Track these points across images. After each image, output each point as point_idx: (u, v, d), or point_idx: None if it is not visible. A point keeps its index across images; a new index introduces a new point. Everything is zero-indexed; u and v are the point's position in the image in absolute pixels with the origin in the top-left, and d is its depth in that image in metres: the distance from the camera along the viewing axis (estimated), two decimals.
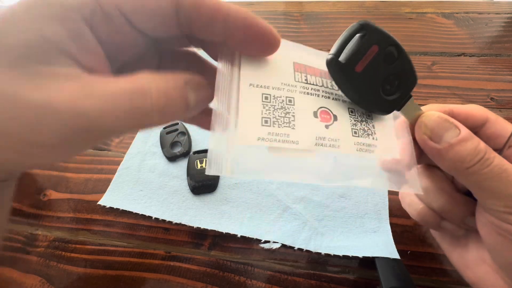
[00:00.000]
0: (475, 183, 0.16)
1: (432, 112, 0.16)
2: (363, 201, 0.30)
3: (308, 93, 0.14)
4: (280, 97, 0.14)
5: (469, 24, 0.46)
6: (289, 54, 0.15)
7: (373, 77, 0.14)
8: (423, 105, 0.26)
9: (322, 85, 0.15)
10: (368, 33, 0.13)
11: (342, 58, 0.13)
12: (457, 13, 0.48)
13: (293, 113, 0.13)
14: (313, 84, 0.15)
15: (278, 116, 0.13)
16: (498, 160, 0.15)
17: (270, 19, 0.51)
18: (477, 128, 0.18)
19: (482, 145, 0.15)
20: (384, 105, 0.15)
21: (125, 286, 0.27)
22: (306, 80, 0.15)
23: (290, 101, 0.14)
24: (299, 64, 0.15)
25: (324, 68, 0.15)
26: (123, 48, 0.13)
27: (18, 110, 0.09)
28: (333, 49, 0.13)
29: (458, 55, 0.43)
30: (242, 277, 0.27)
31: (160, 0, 0.11)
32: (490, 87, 0.39)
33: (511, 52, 0.42)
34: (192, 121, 0.17)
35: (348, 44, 0.13)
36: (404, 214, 0.30)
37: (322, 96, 0.15)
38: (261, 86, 0.14)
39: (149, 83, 0.11)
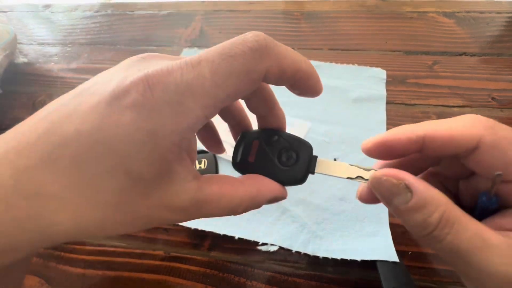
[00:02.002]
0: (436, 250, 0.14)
1: (385, 170, 0.14)
2: (363, 205, 0.30)
3: None
4: None
5: (470, 23, 0.46)
6: None
7: (267, 159, 0.17)
8: (423, 105, 0.26)
9: None
10: (247, 135, 0.18)
11: (237, 158, 0.17)
12: (458, 12, 0.48)
13: None
14: None
15: None
16: (451, 237, 0.12)
17: (270, 18, 0.51)
18: (464, 154, 0.14)
19: (436, 216, 0.13)
20: (295, 176, 0.17)
21: (124, 287, 0.27)
22: None
23: None
24: None
25: None
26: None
27: (157, 219, 0.13)
28: (232, 156, 0.18)
29: (459, 55, 0.42)
30: (242, 278, 0.27)
31: (250, 82, 0.13)
32: (491, 87, 0.38)
33: None
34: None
35: (239, 148, 0.18)
36: None
37: None
38: None
39: (249, 194, 0.15)
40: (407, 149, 0.15)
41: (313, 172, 0.18)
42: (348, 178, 0.17)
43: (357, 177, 0.17)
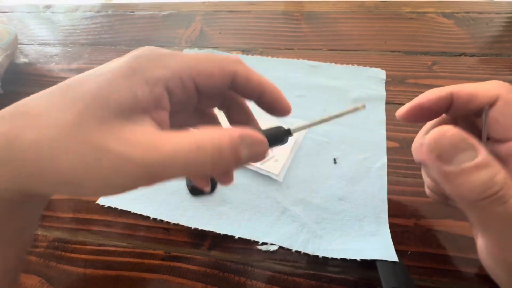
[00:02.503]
0: (479, 220, 0.13)
1: (448, 127, 0.14)
2: (363, 204, 0.30)
3: None
4: None
5: (469, 24, 0.46)
6: None
7: None
8: None
9: None
10: None
11: None
12: (457, 13, 0.48)
13: None
14: None
15: None
16: None
17: (270, 19, 0.51)
18: (485, 108, 0.15)
19: (501, 176, 0.13)
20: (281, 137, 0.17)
21: (124, 287, 0.27)
22: None
23: None
24: None
25: None
26: (183, 104, 0.16)
27: (103, 159, 0.12)
28: None
29: (459, 55, 0.42)
30: (242, 278, 0.27)
31: (223, 76, 0.15)
32: None
33: (511, 52, 0.42)
34: None
35: None
36: (404, 214, 0.30)
37: None
38: None
39: (204, 140, 0.13)
40: (439, 108, 0.17)
41: (291, 134, 0.18)
42: (321, 121, 0.18)
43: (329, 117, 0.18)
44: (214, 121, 0.21)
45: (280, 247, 0.28)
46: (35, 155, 0.12)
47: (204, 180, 0.20)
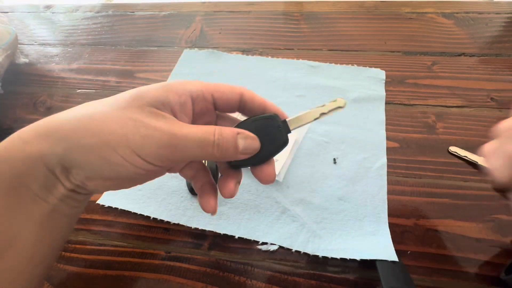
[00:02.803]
0: None
1: None
2: (362, 204, 0.30)
3: None
4: None
5: (469, 24, 0.46)
6: None
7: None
8: (422, 105, 0.25)
9: None
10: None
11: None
12: (457, 13, 0.48)
13: None
14: None
15: None
16: None
17: (269, 19, 0.51)
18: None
19: None
20: (280, 141, 0.20)
21: (125, 286, 0.27)
22: None
23: None
24: None
25: None
26: (201, 116, 0.20)
27: (141, 128, 0.16)
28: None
29: (458, 55, 0.43)
30: (242, 277, 0.27)
31: (233, 94, 0.20)
32: (490, 87, 0.38)
33: (511, 52, 0.42)
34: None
35: None
36: (403, 214, 0.30)
37: None
38: None
39: (214, 128, 0.18)
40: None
41: (290, 131, 0.20)
42: (315, 119, 0.21)
43: (321, 114, 0.21)
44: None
45: (280, 247, 0.28)
46: (90, 119, 0.16)
47: (211, 194, 0.22)
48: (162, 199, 0.32)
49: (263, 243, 0.29)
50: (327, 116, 0.20)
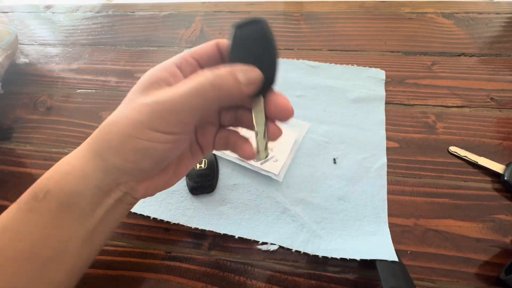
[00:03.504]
0: None
1: None
2: (362, 204, 0.30)
3: None
4: None
5: (469, 24, 0.46)
6: None
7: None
8: (422, 105, 0.25)
9: None
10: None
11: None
12: (457, 13, 0.48)
13: None
14: None
15: None
16: None
17: (270, 19, 0.51)
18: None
19: None
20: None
21: (125, 286, 0.27)
22: None
23: None
24: None
25: None
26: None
27: (145, 108, 0.17)
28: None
29: (458, 55, 0.43)
30: (242, 277, 0.27)
31: (209, 46, 0.20)
32: (490, 87, 0.39)
33: (511, 52, 0.42)
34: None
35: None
36: (403, 214, 0.30)
37: None
38: None
39: (207, 72, 0.17)
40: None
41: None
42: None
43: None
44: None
45: (280, 247, 0.28)
46: (109, 124, 0.18)
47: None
48: (162, 199, 0.32)
49: (263, 243, 0.29)
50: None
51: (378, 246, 0.27)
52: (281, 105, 0.19)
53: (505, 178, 0.30)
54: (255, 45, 0.18)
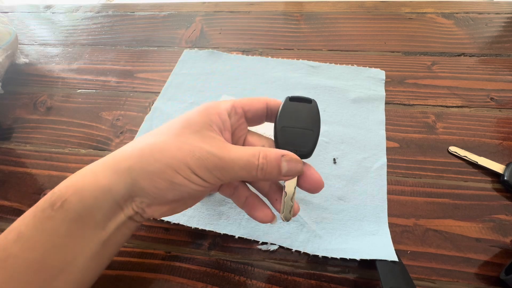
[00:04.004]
0: None
1: None
2: (362, 204, 0.30)
3: None
4: None
5: (469, 24, 0.46)
6: None
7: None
8: (422, 105, 0.25)
9: None
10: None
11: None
12: (457, 13, 0.48)
13: None
14: None
15: None
16: None
17: (269, 19, 0.51)
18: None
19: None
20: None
21: (125, 286, 0.27)
22: None
23: None
24: None
25: None
26: (236, 128, 0.22)
27: (195, 151, 0.18)
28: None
29: (458, 55, 0.43)
30: (242, 277, 0.27)
31: (260, 103, 0.22)
32: (490, 87, 0.39)
33: (511, 52, 0.42)
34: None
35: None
36: (403, 214, 0.30)
37: None
38: None
39: (259, 151, 0.19)
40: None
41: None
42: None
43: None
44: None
45: (280, 247, 0.28)
46: (152, 148, 0.18)
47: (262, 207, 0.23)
48: None
49: (263, 243, 0.29)
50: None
51: (378, 246, 0.27)
52: (314, 180, 0.20)
53: (505, 178, 0.30)
54: (302, 120, 0.21)
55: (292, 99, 0.21)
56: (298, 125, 0.20)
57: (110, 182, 0.18)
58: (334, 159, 0.34)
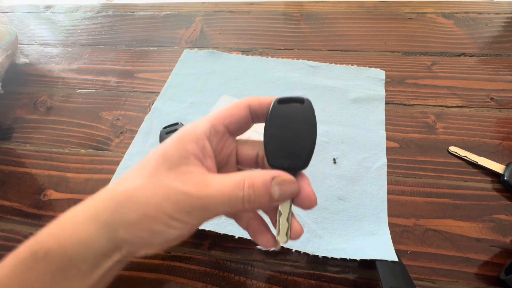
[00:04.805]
0: None
1: None
2: (362, 204, 0.30)
3: None
4: None
5: (469, 24, 0.46)
6: None
7: None
8: (422, 105, 0.25)
9: None
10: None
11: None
12: (457, 13, 0.48)
13: None
14: None
15: None
16: None
17: (269, 19, 0.51)
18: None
19: None
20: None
21: (125, 286, 0.27)
22: None
23: None
24: None
25: None
26: (221, 147, 0.20)
27: (171, 194, 0.17)
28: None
29: (458, 55, 0.43)
30: (242, 277, 0.27)
31: (240, 109, 0.19)
32: (490, 87, 0.39)
33: (511, 52, 0.42)
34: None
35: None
36: (403, 214, 0.30)
37: None
38: None
39: (243, 180, 0.17)
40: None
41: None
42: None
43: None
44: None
45: (280, 247, 0.28)
46: (126, 197, 0.17)
47: (265, 235, 0.21)
48: None
49: None
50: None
51: (378, 246, 0.27)
52: (307, 197, 0.18)
53: (505, 178, 0.30)
54: (295, 125, 0.18)
55: (281, 101, 0.18)
56: (290, 132, 0.18)
57: (92, 235, 0.17)
58: (334, 159, 0.34)
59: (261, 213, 0.21)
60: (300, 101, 0.18)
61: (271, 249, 0.20)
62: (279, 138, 0.18)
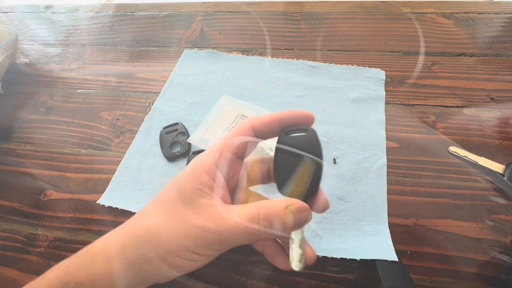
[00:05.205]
0: None
1: None
2: (362, 204, 0.30)
3: None
4: None
5: (469, 24, 0.46)
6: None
7: None
8: (422, 105, 0.25)
9: None
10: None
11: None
12: (457, 13, 0.48)
13: None
14: None
15: None
16: None
17: (269, 19, 0.51)
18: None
19: None
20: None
21: None
22: None
23: None
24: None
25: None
26: (232, 174, 0.21)
27: (191, 231, 0.18)
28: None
29: (458, 55, 0.43)
30: (242, 277, 0.27)
31: (246, 131, 0.20)
32: (490, 87, 0.39)
33: (511, 52, 0.42)
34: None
35: None
36: (403, 214, 0.30)
37: None
38: None
39: (258, 212, 0.17)
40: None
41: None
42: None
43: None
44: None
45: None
46: (150, 235, 0.18)
47: (278, 256, 0.22)
48: None
49: None
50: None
51: (378, 246, 0.27)
52: (323, 204, 0.20)
53: (505, 178, 0.30)
54: (301, 159, 0.19)
55: (287, 132, 0.20)
56: (298, 160, 0.19)
57: (121, 273, 0.18)
58: (334, 159, 0.34)
59: None
60: (304, 130, 0.20)
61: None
62: (288, 167, 0.19)
